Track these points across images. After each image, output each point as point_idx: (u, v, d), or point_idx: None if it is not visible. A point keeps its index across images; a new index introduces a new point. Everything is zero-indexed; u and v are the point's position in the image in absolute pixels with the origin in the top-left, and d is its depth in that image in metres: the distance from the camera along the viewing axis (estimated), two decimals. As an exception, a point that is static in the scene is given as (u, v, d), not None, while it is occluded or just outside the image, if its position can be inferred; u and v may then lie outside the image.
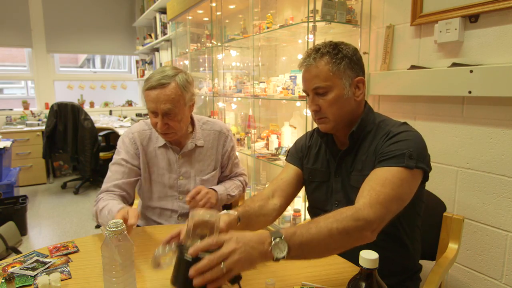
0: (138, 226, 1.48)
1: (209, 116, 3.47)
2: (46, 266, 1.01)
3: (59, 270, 0.98)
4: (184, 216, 1.42)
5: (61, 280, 0.91)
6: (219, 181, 1.54)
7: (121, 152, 1.36)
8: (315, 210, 1.20)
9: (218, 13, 3.08)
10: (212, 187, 1.39)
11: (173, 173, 1.40)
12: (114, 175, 1.33)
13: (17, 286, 0.89)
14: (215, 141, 1.47)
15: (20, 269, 0.99)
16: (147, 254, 1.06)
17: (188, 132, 1.42)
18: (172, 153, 1.39)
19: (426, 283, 1.04)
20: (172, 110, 1.24)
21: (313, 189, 1.18)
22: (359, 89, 1.06)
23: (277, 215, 1.15)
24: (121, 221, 0.78)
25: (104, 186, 1.32)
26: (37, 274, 0.96)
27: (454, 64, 1.51)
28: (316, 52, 1.04)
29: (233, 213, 1.00)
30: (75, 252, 1.10)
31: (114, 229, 0.77)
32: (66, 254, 1.08)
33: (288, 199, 1.18)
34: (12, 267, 1.00)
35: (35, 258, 1.06)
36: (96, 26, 5.33)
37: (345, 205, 0.91)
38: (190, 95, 1.30)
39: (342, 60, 1.02)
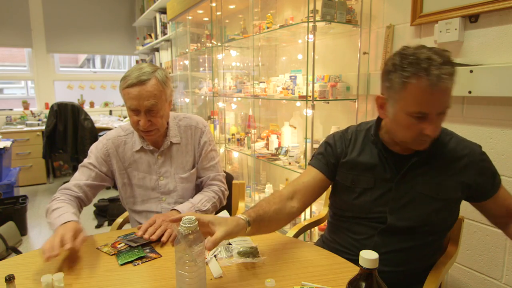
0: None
1: (209, 116, 3.47)
2: (141, 243, 1.10)
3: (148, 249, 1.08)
4: None
5: (149, 260, 1.01)
6: (196, 185, 1.47)
7: (91, 156, 1.36)
8: None
9: (218, 13, 3.08)
10: (176, 207, 1.30)
11: (153, 174, 1.38)
12: (79, 176, 1.34)
13: (121, 263, 0.99)
14: (191, 137, 1.44)
15: (125, 243, 1.10)
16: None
17: (164, 131, 1.39)
18: (151, 154, 1.38)
19: (426, 283, 1.04)
20: (155, 106, 1.23)
21: None
22: None
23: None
24: (194, 217, 0.78)
25: (65, 184, 1.32)
26: (138, 246, 1.09)
27: (454, 64, 1.51)
28: (450, 66, 0.90)
29: (243, 218, 0.93)
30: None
31: (188, 225, 0.77)
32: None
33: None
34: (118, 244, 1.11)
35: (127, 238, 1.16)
36: (96, 26, 5.33)
37: None
38: (169, 90, 1.30)
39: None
